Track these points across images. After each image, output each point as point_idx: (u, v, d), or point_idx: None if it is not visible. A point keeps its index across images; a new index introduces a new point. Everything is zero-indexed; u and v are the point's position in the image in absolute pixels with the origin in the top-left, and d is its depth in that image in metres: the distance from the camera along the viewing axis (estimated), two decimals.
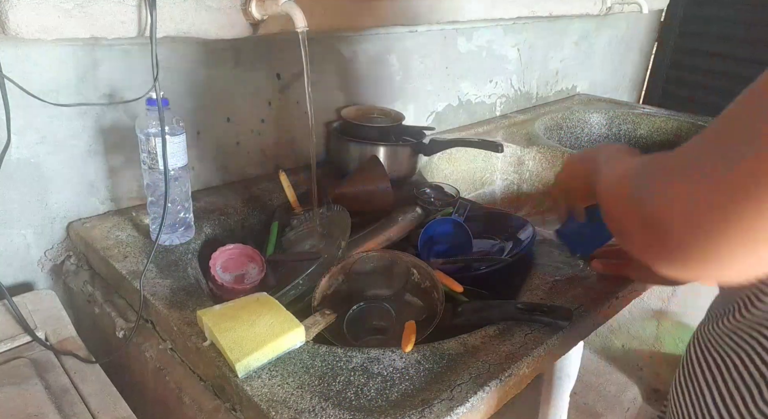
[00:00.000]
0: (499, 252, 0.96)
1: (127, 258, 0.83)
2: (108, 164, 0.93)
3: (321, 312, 0.71)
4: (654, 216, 0.39)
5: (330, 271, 0.82)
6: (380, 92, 1.31)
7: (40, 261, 0.91)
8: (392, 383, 0.61)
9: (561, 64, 1.82)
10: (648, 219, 0.40)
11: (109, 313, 0.82)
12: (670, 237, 0.38)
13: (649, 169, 0.43)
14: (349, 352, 0.65)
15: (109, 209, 0.96)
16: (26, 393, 0.66)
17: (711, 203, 0.35)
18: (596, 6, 1.64)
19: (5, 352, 0.73)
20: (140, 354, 0.77)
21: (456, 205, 1.01)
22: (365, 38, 1.20)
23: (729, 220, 0.34)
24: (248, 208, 1.02)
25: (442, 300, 0.76)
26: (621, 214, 0.47)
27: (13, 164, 0.83)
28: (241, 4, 0.86)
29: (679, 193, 0.38)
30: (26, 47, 0.79)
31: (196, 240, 0.89)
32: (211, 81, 1.01)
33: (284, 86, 1.11)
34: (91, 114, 0.89)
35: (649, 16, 2.08)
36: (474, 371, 0.63)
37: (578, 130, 1.73)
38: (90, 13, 0.72)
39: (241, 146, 1.10)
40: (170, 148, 0.79)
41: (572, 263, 0.86)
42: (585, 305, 0.76)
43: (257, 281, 0.81)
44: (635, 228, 0.42)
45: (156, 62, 0.76)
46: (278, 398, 0.59)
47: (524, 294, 0.79)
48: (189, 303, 0.73)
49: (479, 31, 1.47)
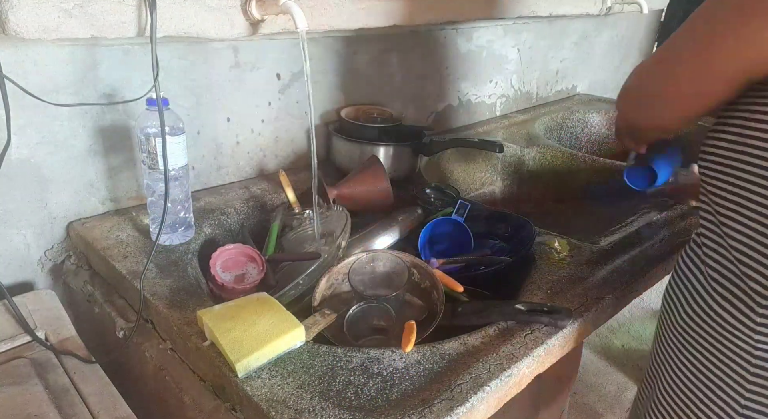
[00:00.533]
0: (499, 252, 0.96)
1: (127, 258, 0.83)
2: (108, 164, 0.93)
3: (321, 312, 0.71)
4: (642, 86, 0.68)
5: (330, 271, 0.82)
6: (380, 92, 1.31)
7: (40, 261, 0.91)
8: (392, 383, 0.61)
9: (561, 64, 1.82)
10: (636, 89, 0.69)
11: (109, 313, 0.82)
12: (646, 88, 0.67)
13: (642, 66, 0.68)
14: (349, 352, 0.65)
15: (109, 209, 0.96)
16: (26, 393, 0.66)
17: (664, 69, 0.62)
18: (596, 6, 1.64)
19: (5, 352, 0.73)
20: (140, 354, 0.77)
21: (456, 205, 1.01)
22: (365, 38, 1.20)
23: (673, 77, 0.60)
24: (248, 208, 1.02)
25: (442, 300, 0.76)
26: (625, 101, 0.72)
27: (13, 164, 0.83)
28: (241, 4, 0.86)
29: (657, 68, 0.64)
30: (26, 47, 0.79)
31: (196, 240, 0.89)
32: (211, 81, 1.01)
33: (284, 86, 1.11)
34: (90, 114, 0.89)
35: (649, 16, 2.09)
36: (474, 371, 0.63)
37: (578, 130, 1.73)
38: (90, 13, 0.72)
39: (241, 146, 1.10)
40: (170, 148, 0.79)
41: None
42: (585, 305, 0.76)
43: (257, 281, 0.81)
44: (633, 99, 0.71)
45: (156, 62, 0.76)
46: (278, 398, 0.59)
47: (524, 294, 0.79)
48: (189, 303, 0.73)
49: (479, 31, 1.47)
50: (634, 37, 2.08)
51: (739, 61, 0.52)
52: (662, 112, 0.66)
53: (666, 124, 0.69)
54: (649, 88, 0.65)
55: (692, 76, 0.57)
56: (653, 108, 0.67)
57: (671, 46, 0.60)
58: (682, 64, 0.58)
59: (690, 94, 0.59)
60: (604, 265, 0.86)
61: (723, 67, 0.54)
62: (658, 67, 0.62)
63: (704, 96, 0.58)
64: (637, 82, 0.68)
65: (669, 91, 0.62)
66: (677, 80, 0.59)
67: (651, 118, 0.69)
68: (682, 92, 0.60)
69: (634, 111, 0.72)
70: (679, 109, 0.63)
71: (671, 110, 0.64)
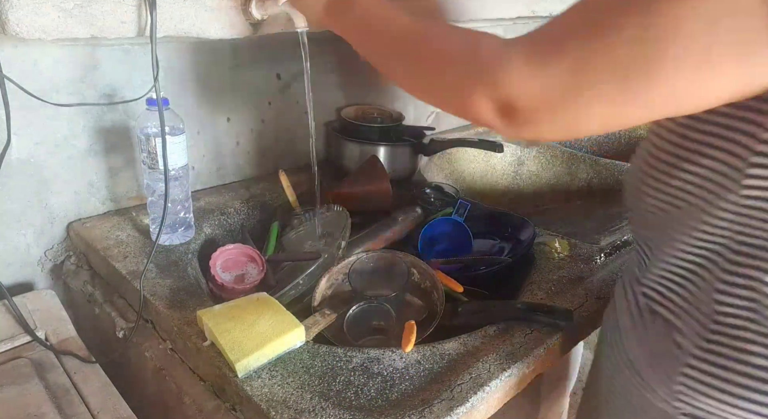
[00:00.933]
0: (499, 252, 0.96)
1: (127, 258, 0.83)
2: (108, 164, 0.93)
3: (321, 312, 0.71)
4: (520, 101, 0.43)
5: (330, 271, 0.82)
6: (380, 92, 1.30)
7: (40, 261, 0.91)
8: (392, 383, 0.61)
9: None
10: (508, 101, 0.44)
11: (109, 313, 0.82)
12: (533, 115, 0.44)
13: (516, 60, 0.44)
14: (349, 352, 0.65)
15: (109, 209, 0.96)
16: (26, 393, 0.66)
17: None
18: None
19: (5, 352, 0.73)
20: (140, 354, 0.77)
21: (456, 204, 1.01)
22: None
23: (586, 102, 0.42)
24: (248, 207, 1.02)
25: (442, 300, 0.76)
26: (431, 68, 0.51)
27: (13, 164, 0.83)
28: (241, 4, 0.86)
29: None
30: (26, 47, 0.79)
31: (196, 240, 0.89)
32: (211, 81, 1.01)
33: (284, 86, 1.11)
34: (91, 114, 0.89)
35: None
36: (474, 371, 0.63)
37: None
38: (90, 13, 0.72)
39: (241, 146, 1.10)
40: (170, 148, 0.79)
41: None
42: (585, 305, 0.76)
43: (257, 281, 0.81)
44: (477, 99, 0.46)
45: (156, 62, 0.76)
46: (278, 398, 0.59)
47: (524, 294, 0.79)
48: (189, 303, 0.73)
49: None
50: None
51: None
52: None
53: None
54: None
55: (610, 119, 0.43)
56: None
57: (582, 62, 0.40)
58: (600, 103, 0.41)
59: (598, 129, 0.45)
60: (604, 265, 0.86)
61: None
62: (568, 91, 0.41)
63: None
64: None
65: (573, 126, 0.44)
66: (588, 119, 0.43)
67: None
68: (588, 130, 0.46)
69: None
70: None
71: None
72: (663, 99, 0.41)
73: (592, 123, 0.44)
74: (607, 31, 0.40)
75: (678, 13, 0.37)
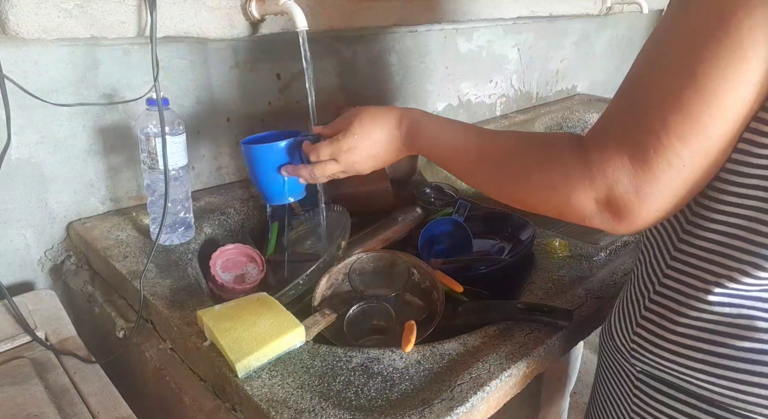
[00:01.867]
0: (499, 252, 0.96)
1: (127, 258, 0.83)
2: (108, 164, 0.93)
3: (321, 312, 0.71)
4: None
5: (330, 271, 0.82)
6: (380, 92, 1.30)
7: (40, 261, 0.91)
8: (392, 383, 0.61)
9: (561, 64, 1.82)
10: (614, 198, 0.48)
11: (109, 313, 0.82)
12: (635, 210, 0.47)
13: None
14: (349, 352, 0.65)
15: (109, 209, 0.96)
16: (26, 393, 0.66)
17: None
18: (596, 6, 1.64)
19: (5, 352, 0.73)
20: (140, 354, 0.77)
21: (456, 204, 1.01)
22: (365, 38, 1.20)
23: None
24: (248, 208, 1.02)
25: (442, 300, 0.76)
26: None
27: (13, 164, 0.83)
28: (241, 4, 0.86)
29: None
30: (26, 47, 0.79)
31: (196, 240, 0.89)
32: (211, 81, 1.01)
33: (284, 86, 1.11)
34: (90, 114, 0.89)
35: (649, 16, 2.08)
36: (474, 371, 0.63)
37: (578, 130, 1.73)
38: (90, 13, 0.72)
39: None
40: (170, 148, 0.79)
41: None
42: (585, 305, 0.76)
43: (257, 281, 0.81)
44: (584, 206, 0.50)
45: (156, 62, 0.76)
46: (278, 398, 0.59)
47: (524, 294, 0.79)
48: (189, 303, 0.73)
49: (479, 31, 1.47)
50: (634, 37, 2.08)
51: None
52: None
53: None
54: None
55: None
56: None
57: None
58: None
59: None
60: (604, 265, 0.86)
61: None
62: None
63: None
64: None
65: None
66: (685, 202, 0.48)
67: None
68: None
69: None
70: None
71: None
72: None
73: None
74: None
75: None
